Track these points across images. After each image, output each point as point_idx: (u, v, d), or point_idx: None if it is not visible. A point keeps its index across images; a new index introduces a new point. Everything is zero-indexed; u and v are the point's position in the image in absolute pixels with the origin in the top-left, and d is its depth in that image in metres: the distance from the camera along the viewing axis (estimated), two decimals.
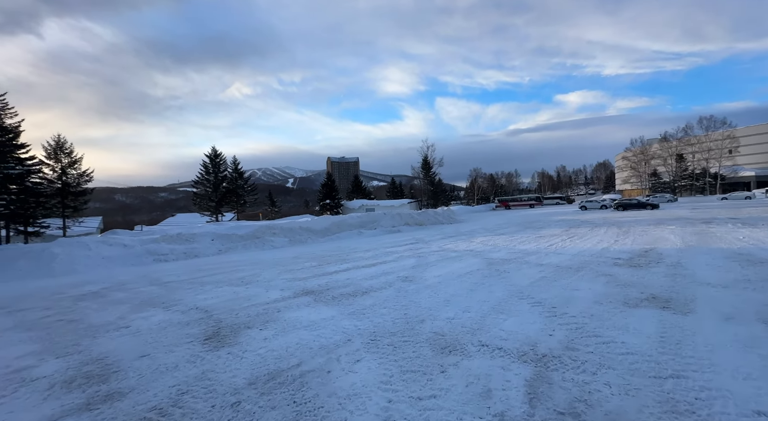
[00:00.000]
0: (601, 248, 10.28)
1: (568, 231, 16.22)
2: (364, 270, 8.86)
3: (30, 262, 12.44)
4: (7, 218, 23.93)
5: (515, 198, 69.44)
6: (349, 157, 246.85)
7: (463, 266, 8.55)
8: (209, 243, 17.18)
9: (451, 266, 8.66)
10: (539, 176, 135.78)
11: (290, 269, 9.96)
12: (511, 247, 11.81)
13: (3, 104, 26.22)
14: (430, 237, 17.88)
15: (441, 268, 8.42)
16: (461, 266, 8.43)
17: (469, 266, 8.49)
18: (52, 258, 12.57)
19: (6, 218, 23.71)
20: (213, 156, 40.27)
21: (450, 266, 8.68)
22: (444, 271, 7.96)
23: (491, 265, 8.41)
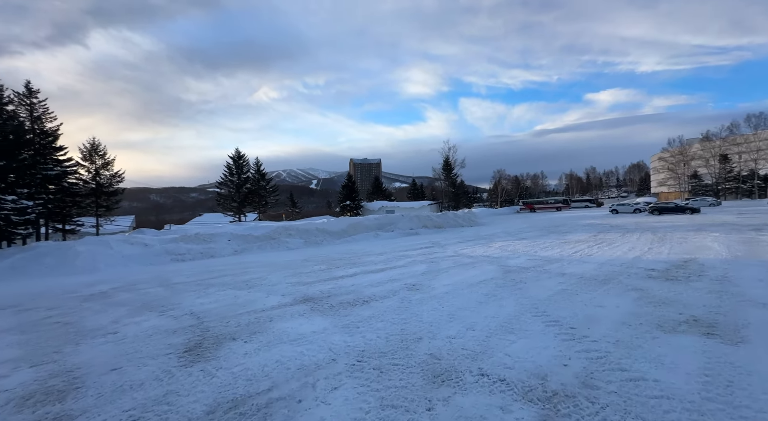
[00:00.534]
0: (633, 256, 9.37)
1: (596, 237, 15.14)
2: (372, 276, 8.45)
3: (56, 259, 12.90)
4: (45, 217, 25.29)
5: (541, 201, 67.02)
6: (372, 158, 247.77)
7: (476, 273, 7.96)
8: (226, 243, 17.32)
9: (464, 273, 8.10)
10: (567, 178, 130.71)
11: (298, 272, 9.70)
12: (531, 253, 11.05)
13: (44, 109, 27.82)
14: (447, 241, 17.25)
15: (452, 275, 7.88)
16: (474, 274, 7.85)
17: (483, 274, 7.90)
18: (76, 256, 12.99)
19: (44, 216, 25.05)
20: (236, 158, 41.19)
21: (462, 273, 8.12)
22: (455, 279, 7.42)
23: (507, 273, 7.77)
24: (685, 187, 62.11)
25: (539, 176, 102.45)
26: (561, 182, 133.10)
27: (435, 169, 53.10)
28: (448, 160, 50.75)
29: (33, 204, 22.35)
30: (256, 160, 43.04)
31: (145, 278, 10.17)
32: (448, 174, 51.10)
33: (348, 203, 53.44)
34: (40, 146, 27.05)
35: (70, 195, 29.13)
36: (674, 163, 62.68)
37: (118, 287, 8.89)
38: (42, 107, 27.67)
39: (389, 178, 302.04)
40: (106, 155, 31.90)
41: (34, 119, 27.00)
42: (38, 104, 27.47)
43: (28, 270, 12.40)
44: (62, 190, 27.95)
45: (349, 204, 53.29)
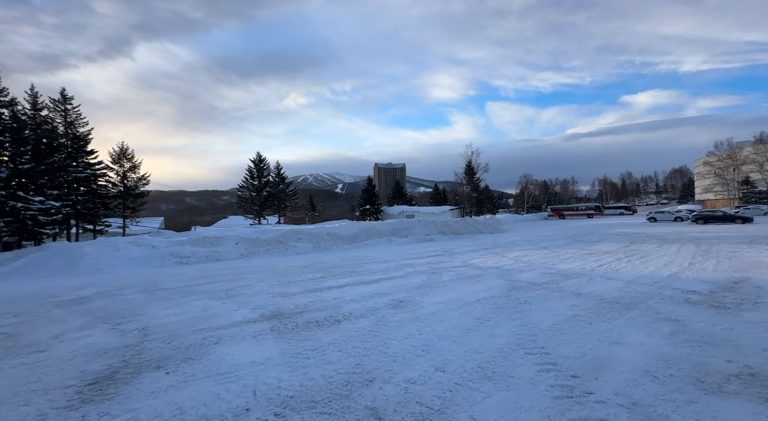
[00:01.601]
0: (669, 273, 7.98)
1: (628, 248, 13.54)
2: (362, 288, 7.62)
3: (63, 260, 13.02)
4: (73, 217, 26.39)
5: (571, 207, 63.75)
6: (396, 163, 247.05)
7: (477, 289, 6.95)
8: (233, 247, 17.08)
9: (464, 288, 7.11)
10: (600, 184, 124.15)
11: (289, 280, 9.03)
12: (548, 265, 9.83)
13: (77, 114, 29.23)
14: (460, 248, 16.13)
15: (450, 291, 6.91)
16: (475, 290, 6.84)
17: (486, 289, 6.87)
18: (81, 257, 13.06)
19: (72, 217, 26.14)
20: (257, 161, 41.74)
21: (462, 288, 7.13)
22: (450, 295, 6.46)
23: (513, 290, 6.72)
24: (735, 195, 56.87)
25: (569, 182, 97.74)
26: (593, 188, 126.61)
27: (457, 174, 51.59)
28: (471, 164, 49.15)
29: (60, 205, 23.31)
30: (277, 163, 43.48)
31: (136, 282, 9.87)
32: (470, 178, 49.45)
33: (368, 207, 52.94)
34: (72, 150, 28.41)
35: (99, 197, 30.43)
36: (722, 167, 57.55)
37: (102, 291, 8.57)
38: (75, 113, 29.10)
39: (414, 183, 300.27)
40: (133, 159, 33.12)
41: (68, 124, 28.42)
42: (72, 110, 28.92)
43: (38, 271, 12.55)
44: (91, 192, 29.19)
45: (369, 208, 52.77)
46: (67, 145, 28.10)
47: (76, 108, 29.05)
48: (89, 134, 29.47)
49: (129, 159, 32.87)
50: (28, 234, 19.70)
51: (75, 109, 29.00)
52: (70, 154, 27.99)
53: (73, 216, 26.24)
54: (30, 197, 20.07)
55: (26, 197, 19.48)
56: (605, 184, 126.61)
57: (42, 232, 20.86)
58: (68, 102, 28.51)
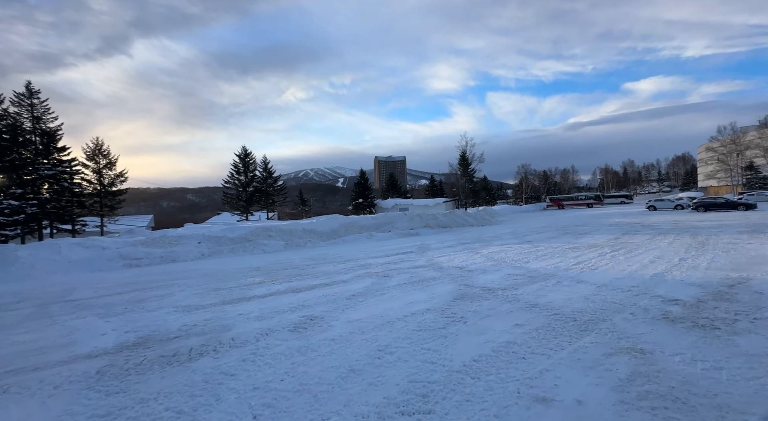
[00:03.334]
0: (654, 272, 6.71)
1: (617, 240, 12.26)
2: (286, 298, 6.41)
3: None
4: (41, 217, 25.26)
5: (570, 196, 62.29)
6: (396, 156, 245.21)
7: (417, 299, 5.72)
8: (194, 247, 15.91)
9: (403, 297, 5.87)
10: (602, 173, 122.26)
11: (217, 287, 7.82)
12: (519, 264, 8.57)
13: (45, 109, 27.92)
14: (438, 244, 14.92)
15: (383, 301, 5.68)
16: (412, 301, 5.61)
17: (426, 299, 5.64)
18: (13, 262, 11.90)
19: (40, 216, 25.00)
20: (243, 156, 40.46)
21: (401, 297, 5.90)
22: (379, 309, 5.23)
23: (458, 300, 5.48)
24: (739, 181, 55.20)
25: (570, 171, 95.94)
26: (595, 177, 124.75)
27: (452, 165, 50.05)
28: (465, 154, 47.58)
29: (22, 204, 22.17)
30: (264, 158, 42.20)
31: (46, 292, 8.69)
32: (465, 170, 47.95)
33: (361, 201, 51.70)
34: (41, 146, 27.17)
35: (73, 195, 29.27)
36: (725, 153, 55.74)
37: None
38: (43, 107, 27.77)
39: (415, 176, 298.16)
40: (109, 155, 31.91)
41: (35, 119, 27.14)
42: (39, 104, 27.60)
43: None
44: (62, 190, 28.02)
45: (362, 202, 51.53)
46: (34, 141, 26.87)
47: (44, 102, 27.67)
48: (59, 130, 28.21)
49: (105, 155, 31.66)
50: None
51: (43, 103, 27.63)
52: (39, 150, 26.79)
53: (41, 216, 25.11)
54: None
55: None
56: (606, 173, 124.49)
57: (1, 233, 19.76)
58: (35, 96, 27.16)
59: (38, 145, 26.87)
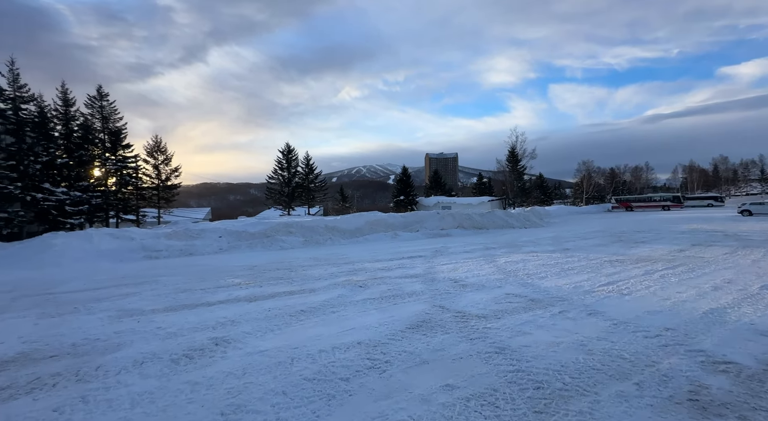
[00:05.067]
0: (710, 307, 4.75)
1: (681, 253, 9.75)
2: (236, 307, 5.65)
3: (31, 252, 12.94)
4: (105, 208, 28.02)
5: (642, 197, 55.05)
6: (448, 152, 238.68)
7: (365, 323, 4.56)
8: (214, 240, 16.14)
9: (349, 320, 4.76)
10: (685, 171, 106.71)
11: (187, 288, 7.36)
12: (532, 280, 6.91)
13: (112, 110, 30.92)
14: (460, 247, 13.42)
15: (323, 324, 4.62)
16: (355, 326, 4.47)
17: (377, 324, 4.47)
18: (47, 249, 12.86)
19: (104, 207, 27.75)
20: (286, 152, 41.55)
21: (348, 320, 4.79)
22: (305, 335, 4.18)
23: (412, 329, 4.22)
24: None
25: (643, 169, 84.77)
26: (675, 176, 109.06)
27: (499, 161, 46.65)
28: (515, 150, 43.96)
29: (88, 196, 24.64)
30: (306, 154, 42.96)
31: (47, 280, 9.00)
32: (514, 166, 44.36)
33: (402, 198, 50.59)
34: (109, 143, 30.15)
35: (135, 188, 32.22)
36: None
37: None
38: (111, 108, 30.77)
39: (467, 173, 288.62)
40: (166, 152, 34.57)
41: (104, 119, 30.16)
42: (108, 106, 30.62)
43: (5, 263, 12.52)
44: (125, 183, 30.91)
45: (403, 199, 50.40)
46: (104, 139, 29.88)
47: (112, 104, 30.65)
48: (124, 128, 31.04)
49: (162, 152, 34.37)
50: (50, 223, 20.88)
51: (111, 105, 30.66)
52: (106, 147, 29.74)
53: (105, 206, 27.85)
54: (52, 188, 21.25)
55: (45, 188, 20.62)
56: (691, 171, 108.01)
57: (65, 221, 22.06)
58: (104, 99, 30.15)
59: (106, 143, 29.84)
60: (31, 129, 20.60)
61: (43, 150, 21.65)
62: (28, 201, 19.60)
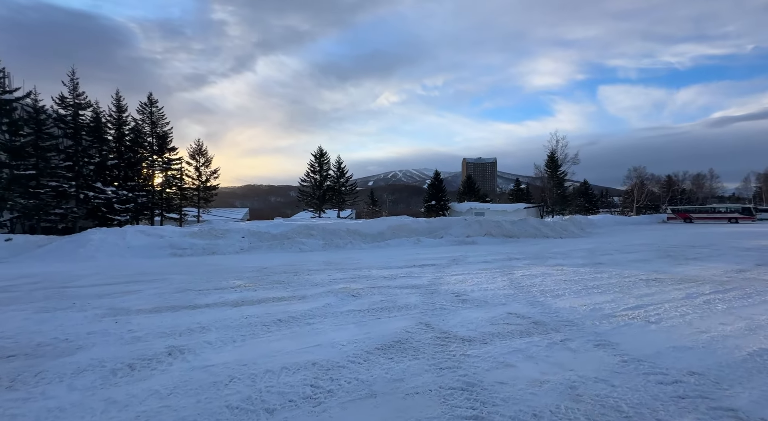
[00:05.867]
0: (758, 347, 3.79)
1: (739, 274, 8.33)
2: (218, 312, 5.51)
3: (72, 246, 13.97)
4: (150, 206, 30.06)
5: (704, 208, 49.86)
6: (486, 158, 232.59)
7: (336, 339, 4.15)
8: (237, 240, 16.54)
9: (323, 334, 4.37)
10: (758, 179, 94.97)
11: (187, 288, 7.41)
12: (544, 299, 6.12)
13: (161, 115, 33.21)
14: (479, 257, 12.62)
15: (292, 337, 4.28)
16: (322, 342, 4.07)
17: (348, 341, 4.05)
18: (84, 244, 13.81)
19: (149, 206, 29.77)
20: (319, 155, 42.33)
21: (322, 334, 4.40)
22: (265, 349, 3.85)
23: (382, 350, 3.74)
24: None
25: (706, 177, 76.53)
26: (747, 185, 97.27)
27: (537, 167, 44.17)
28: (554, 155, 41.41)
29: (134, 195, 26.53)
30: (338, 158, 43.51)
31: (73, 274, 9.54)
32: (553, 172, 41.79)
33: (434, 203, 49.63)
34: (157, 147, 32.38)
35: (178, 188, 34.33)
36: None
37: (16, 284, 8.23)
38: (159, 114, 33.05)
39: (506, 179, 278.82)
40: (207, 154, 36.52)
41: (152, 124, 32.46)
42: (157, 112, 32.93)
43: (50, 255, 13.61)
44: (170, 183, 33.01)
45: (434, 204, 49.43)
46: (152, 142, 32.14)
47: (160, 110, 32.94)
48: (171, 132, 33.20)
49: (203, 155, 36.34)
50: (99, 219, 22.67)
51: (159, 110, 32.94)
52: (154, 150, 31.95)
53: (151, 205, 29.86)
54: (103, 187, 23.10)
55: (96, 187, 22.43)
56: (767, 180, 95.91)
57: (113, 218, 23.86)
58: (154, 105, 32.47)
59: (153, 146, 32.06)
60: (87, 133, 22.54)
61: (97, 152, 23.62)
62: (81, 199, 21.40)
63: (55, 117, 20.39)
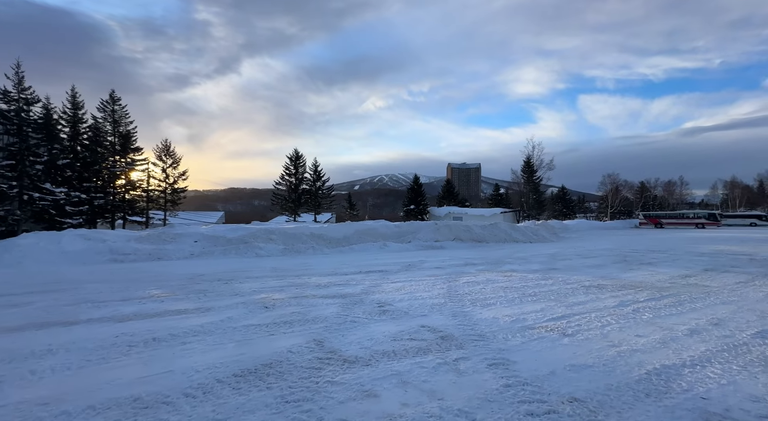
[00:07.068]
0: (661, 363, 3.40)
1: (680, 280, 8.13)
2: (89, 329, 4.84)
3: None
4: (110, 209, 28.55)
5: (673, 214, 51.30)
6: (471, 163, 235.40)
7: (192, 363, 3.57)
8: (189, 245, 15.64)
9: (182, 359, 3.78)
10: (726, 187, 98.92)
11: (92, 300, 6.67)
12: (470, 309, 5.69)
13: (124, 113, 31.77)
14: (438, 262, 12.23)
15: (114, 368, 3.68)
16: (171, 368, 3.48)
17: (204, 366, 3.46)
18: (10, 249, 12.69)
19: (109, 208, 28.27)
20: (294, 158, 41.46)
21: (183, 358, 3.82)
22: (82, 384, 3.24)
23: (238, 378, 3.18)
24: None
25: (676, 184, 79.05)
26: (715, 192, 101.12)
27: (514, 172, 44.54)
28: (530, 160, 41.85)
29: (89, 197, 25.11)
30: (314, 161, 42.72)
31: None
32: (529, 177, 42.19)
33: (413, 208, 49.36)
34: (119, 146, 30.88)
35: (142, 190, 32.84)
36: None
37: None
38: (123, 112, 31.54)
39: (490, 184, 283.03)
40: (175, 155, 35.16)
41: (114, 123, 30.97)
42: (120, 110, 31.46)
43: None
44: (132, 185, 31.53)
45: (413, 208, 49.16)
46: (114, 142, 30.67)
47: (124, 107, 31.49)
48: (135, 131, 31.77)
49: (171, 155, 34.98)
50: (47, 222, 21.25)
51: (123, 108, 31.48)
52: (116, 150, 30.47)
53: (110, 207, 28.38)
54: (52, 189, 21.71)
55: (45, 188, 21.06)
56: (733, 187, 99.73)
57: (64, 221, 22.44)
58: (116, 103, 31.01)
59: (116, 146, 30.58)
60: (34, 130, 21.19)
61: (46, 151, 22.23)
62: (25, 200, 20.02)
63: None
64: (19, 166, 19.69)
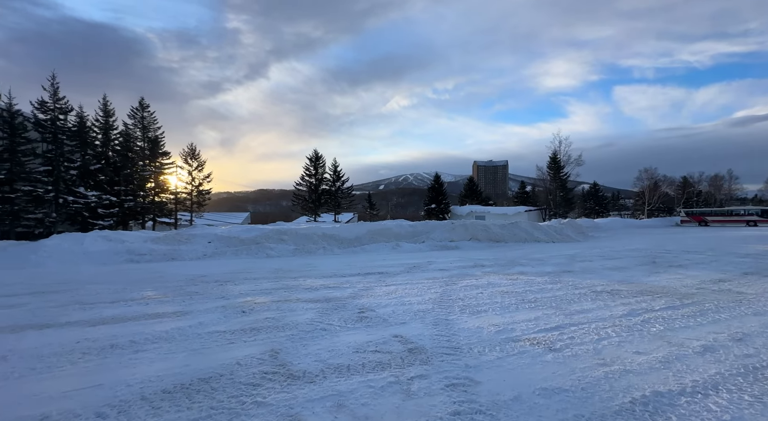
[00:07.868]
0: (652, 390, 2.83)
1: (711, 286, 7.20)
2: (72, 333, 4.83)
3: (26, 251, 13.62)
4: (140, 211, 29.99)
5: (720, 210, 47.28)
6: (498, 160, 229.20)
7: (131, 376, 3.38)
8: (202, 246, 15.99)
9: (126, 369, 3.61)
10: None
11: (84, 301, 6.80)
12: (452, 317, 5.23)
13: (152, 119, 33.27)
14: (447, 263, 11.74)
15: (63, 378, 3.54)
16: (101, 382, 3.31)
17: (140, 380, 3.27)
18: (36, 250, 13.44)
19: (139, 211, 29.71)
20: (314, 158, 41.87)
21: (127, 368, 3.65)
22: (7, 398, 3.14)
23: (164, 395, 2.97)
24: None
25: (724, 178, 72.71)
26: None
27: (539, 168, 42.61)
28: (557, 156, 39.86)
29: (119, 199, 26.44)
30: (334, 161, 42.97)
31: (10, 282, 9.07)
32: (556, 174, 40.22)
33: (434, 207, 48.55)
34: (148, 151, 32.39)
35: (170, 193, 34.30)
36: None
37: None
38: (151, 118, 33.05)
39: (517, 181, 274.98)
40: (200, 158, 36.47)
41: (144, 128, 32.51)
42: (149, 116, 32.97)
43: None
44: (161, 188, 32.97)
45: (434, 208, 48.35)
46: (144, 147, 32.20)
47: (153, 114, 32.98)
48: (162, 136, 33.22)
49: (196, 158, 36.31)
50: (80, 224, 22.56)
51: (152, 114, 32.97)
52: (145, 155, 31.98)
53: (140, 209, 29.79)
54: (84, 192, 23.01)
55: (78, 191, 22.35)
56: None
57: (96, 223, 23.74)
58: (145, 109, 32.55)
59: (145, 151, 32.11)
60: (69, 137, 22.53)
61: (80, 157, 23.60)
62: (60, 203, 21.31)
63: (33, 121, 20.42)
64: (54, 172, 21.00)
